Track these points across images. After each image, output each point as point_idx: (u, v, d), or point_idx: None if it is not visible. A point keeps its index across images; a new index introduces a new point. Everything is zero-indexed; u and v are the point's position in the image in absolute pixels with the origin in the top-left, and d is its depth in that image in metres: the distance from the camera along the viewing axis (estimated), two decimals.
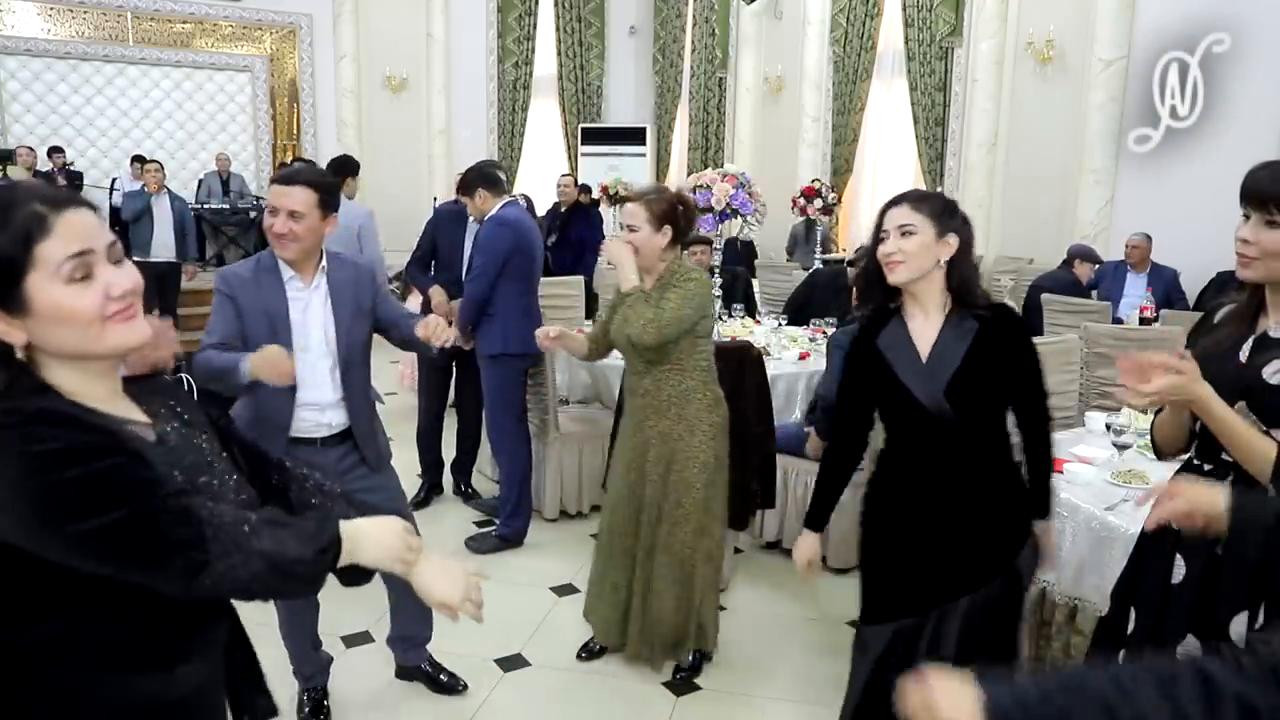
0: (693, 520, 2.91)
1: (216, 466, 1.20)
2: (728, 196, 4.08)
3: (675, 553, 2.93)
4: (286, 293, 2.45)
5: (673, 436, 2.90)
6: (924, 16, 9.07)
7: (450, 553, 3.99)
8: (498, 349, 3.92)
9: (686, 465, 2.89)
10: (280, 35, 11.40)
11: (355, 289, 2.55)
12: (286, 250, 2.40)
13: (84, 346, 1.06)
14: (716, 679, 3.06)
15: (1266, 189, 1.60)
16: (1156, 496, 1.51)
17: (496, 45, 12.27)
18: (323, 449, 2.54)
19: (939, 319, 2.07)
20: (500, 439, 4.04)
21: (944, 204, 2.09)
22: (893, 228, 2.03)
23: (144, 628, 1.10)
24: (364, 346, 2.59)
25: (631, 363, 2.93)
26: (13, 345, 1.04)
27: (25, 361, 1.06)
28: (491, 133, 12.39)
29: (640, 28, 13.20)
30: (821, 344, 4.52)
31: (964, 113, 8.83)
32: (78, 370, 1.08)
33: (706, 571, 2.99)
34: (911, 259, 2.02)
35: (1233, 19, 6.52)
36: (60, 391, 1.06)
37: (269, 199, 2.42)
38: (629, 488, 2.98)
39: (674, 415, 2.89)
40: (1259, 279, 1.67)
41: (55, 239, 1.03)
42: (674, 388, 2.88)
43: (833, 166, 10.29)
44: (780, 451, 3.79)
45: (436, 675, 2.94)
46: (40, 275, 1.02)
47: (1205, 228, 5.24)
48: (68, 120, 10.68)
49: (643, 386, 2.90)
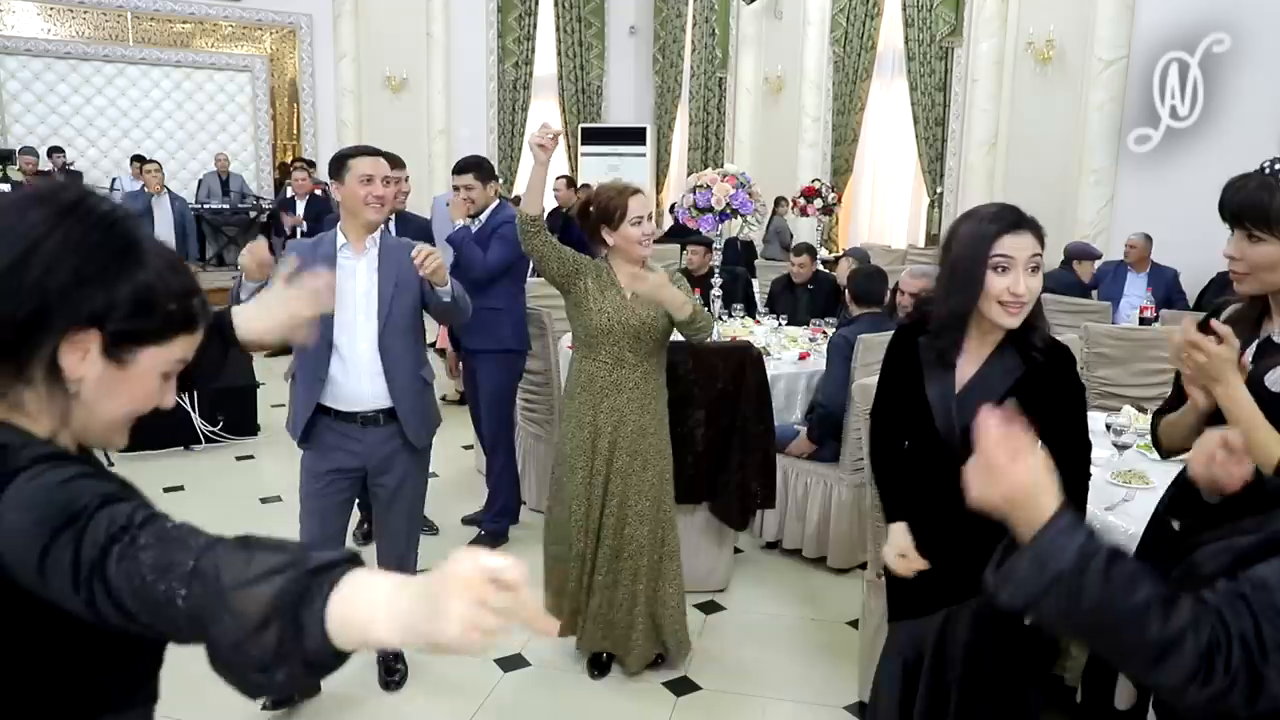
0: (663, 516, 2.94)
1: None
2: (728, 196, 4.08)
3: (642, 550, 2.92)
4: (337, 259, 2.68)
5: (649, 431, 2.89)
6: (924, 16, 9.08)
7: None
8: (505, 345, 3.96)
9: (659, 458, 2.92)
10: (280, 35, 11.40)
11: (400, 261, 2.71)
12: (378, 214, 2.72)
13: (107, 425, 1.00)
14: (716, 679, 3.06)
15: (1239, 207, 1.61)
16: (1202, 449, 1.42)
17: (496, 45, 12.27)
18: (364, 429, 2.72)
19: (987, 350, 1.87)
20: (500, 434, 4.07)
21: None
22: (1022, 258, 1.76)
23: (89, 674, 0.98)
24: (408, 317, 2.75)
25: (621, 356, 2.84)
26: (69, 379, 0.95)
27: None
28: (491, 133, 12.39)
29: (640, 28, 13.20)
30: (821, 344, 4.52)
31: (964, 113, 8.83)
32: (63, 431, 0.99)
33: (672, 567, 3.00)
34: (1031, 300, 1.78)
35: (1233, 19, 6.53)
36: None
37: (369, 169, 2.69)
38: (587, 487, 2.90)
39: (652, 410, 2.90)
40: (1255, 291, 1.68)
41: (179, 344, 1.00)
42: (655, 381, 2.91)
43: (833, 166, 10.30)
44: (780, 452, 3.80)
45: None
46: (158, 352, 0.98)
47: (1205, 228, 5.20)
48: (68, 120, 10.68)
49: (631, 380, 2.85)
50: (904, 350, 1.97)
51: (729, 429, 3.49)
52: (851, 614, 3.42)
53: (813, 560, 3.91)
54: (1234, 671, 0.96)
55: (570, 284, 2.87)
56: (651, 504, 2.91)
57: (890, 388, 2.05)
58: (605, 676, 3.06)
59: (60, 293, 0.90)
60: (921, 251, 9.34)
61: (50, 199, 0.93)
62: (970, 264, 1.76)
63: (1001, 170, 8.45)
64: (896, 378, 2.01)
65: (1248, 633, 0.96)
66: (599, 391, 2.86)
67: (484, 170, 3.91)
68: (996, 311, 1.76)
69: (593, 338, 2.85)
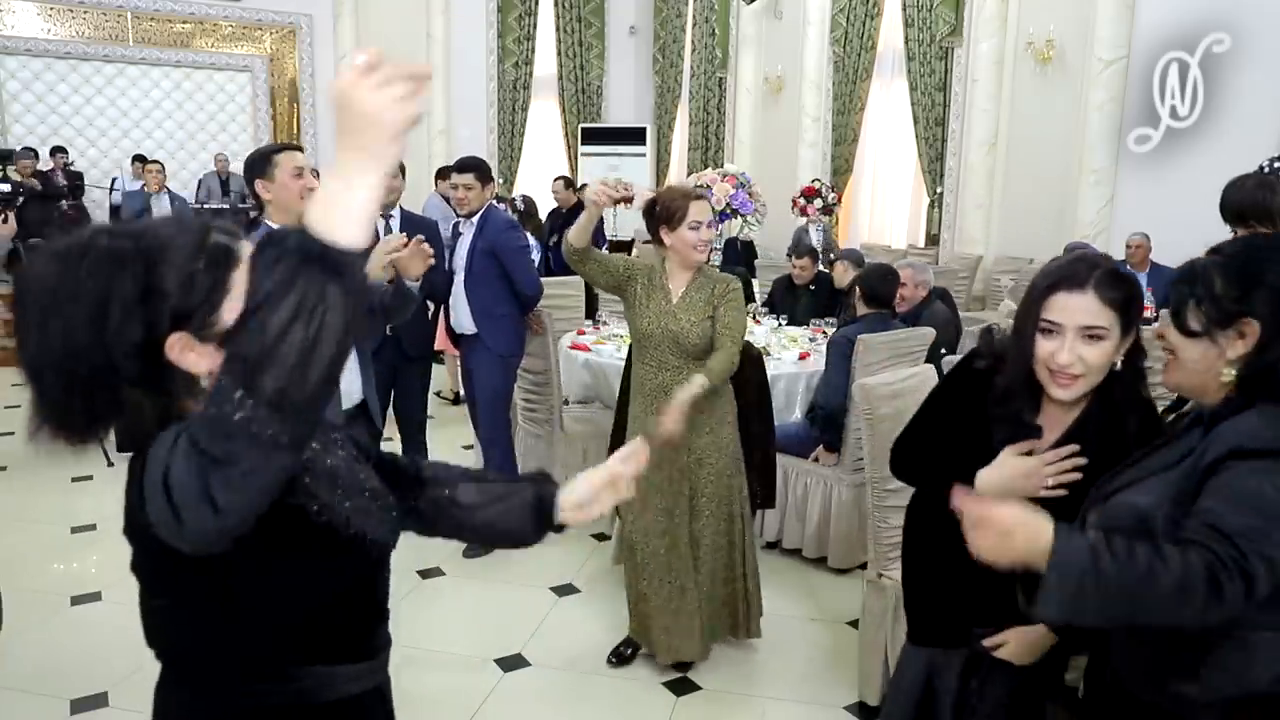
0: (725, 508, 2.99)
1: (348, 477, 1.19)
2: (728, 196, 4.08)
3: (713, 543, 2.99)
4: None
5: (705, 429, 2.92)
6: (924, 16, 9.08)
7: (449, 566, 3.99)
8: (510, 349, 4.03)
9: (720, 456, 2.95)
10: (280, 35, 11.40)
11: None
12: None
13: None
14: (716, 679, 3.06)
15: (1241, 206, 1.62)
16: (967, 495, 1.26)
17: (496, 45, 12.27)
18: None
19: (1070, 416, 1.63)
20: (498, 434, 4.12)
21: (1132, 286, 1.55)
22: (1071, 326, 1.51)
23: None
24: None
25: (663, 360, 2.90)
26: (197, 376, 1.01)
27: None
28: (491, 133, 12.39)
29: (640, 28, 13.20)
30: (821, 344, 4.52)
31: (964, 113, 8.83)
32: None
33: (750, 556, 3.09)
34: (1094, 373, 1.53)
35: (1233, 19, 6.52)
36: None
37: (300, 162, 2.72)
38: (658, 489, 2.94)
39: (707, 408, 2.91)
40: None
41: (238, 277, 1.03)
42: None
43: (833, 166, 10.30)
44: (780, 451, 3.79)
45: None
46: (232, 301, 1.01)
47: (1205, 228, 5.21)
48: (68, 120, 10.68)
49: (675, 384, 2.85)
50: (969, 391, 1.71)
51: None
52: (851, 614, 3.42)
53: (813, 560, 3.91)
54: (1234, 579, 1.12)
55: (623, 290, 2.97)
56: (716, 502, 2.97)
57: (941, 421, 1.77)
58: (605, 676, 3.07)
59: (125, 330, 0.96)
60: (921, 251, 9.34)
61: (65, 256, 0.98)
62: (1021, 322, 1.58)
63: (1001, 170, 8.45)
64: (953, 414, 1.74)
65: (1226, 551, 1.13)
66: (649, 395, 2.94)
67: (483, 172, 3.98)
68: (1046, 379, 1.56)
69: (640, 341, 2.96)
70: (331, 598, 1.14)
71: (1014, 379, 1.60)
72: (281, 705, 1.14)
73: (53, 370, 0.96)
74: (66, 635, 3.30)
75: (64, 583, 3.71)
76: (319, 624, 1.14)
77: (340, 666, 1.17)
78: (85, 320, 0.95)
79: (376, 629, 1.24)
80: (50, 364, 0.96)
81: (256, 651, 1.11)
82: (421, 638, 3.25)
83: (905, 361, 3.70)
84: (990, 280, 8.20)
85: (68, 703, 2.85)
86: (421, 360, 4.17)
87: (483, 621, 3.46)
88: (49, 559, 3.97)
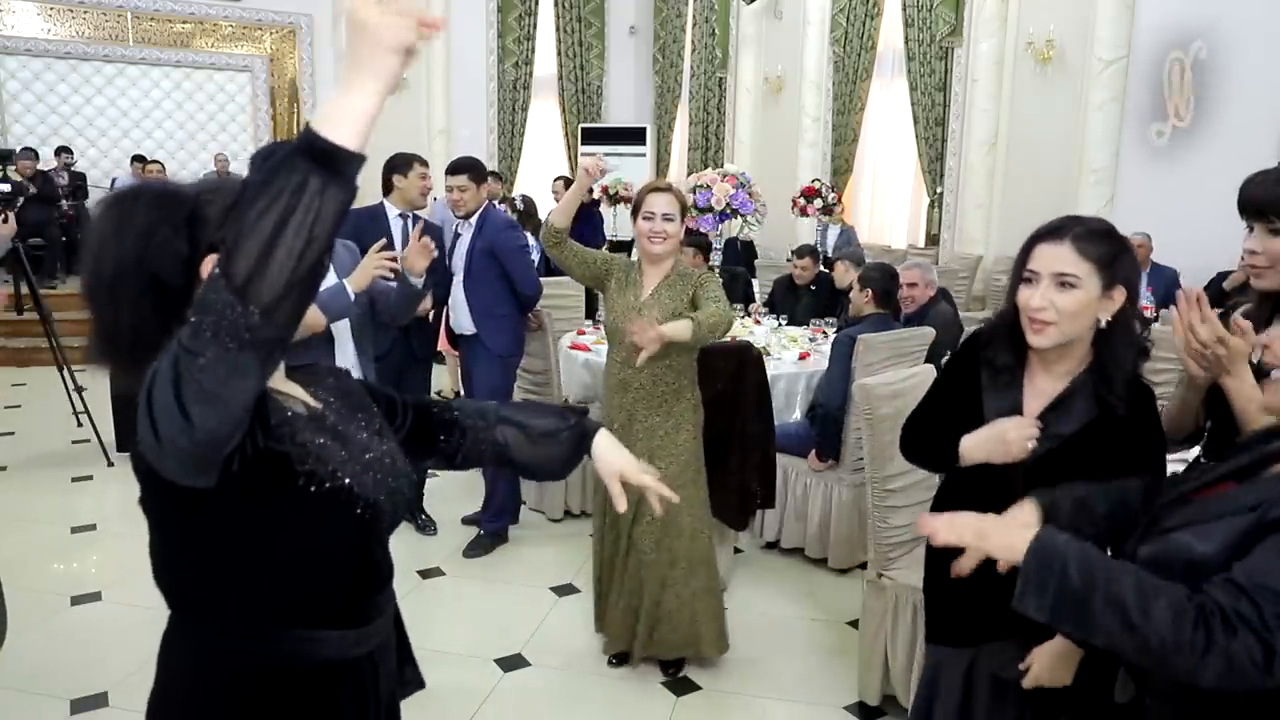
0: (670, 520, 2.85)
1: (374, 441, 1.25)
2: (728, 196, 4.08)
3: (649, 552, 2.91)
4: None
5: (659, 433, 2.90)
6: (924, 16, 9.07)
7: (449, 566, 3.99)
8: (509, 349, 4.03)
9: (671, 461, 2.87)
10: (280, 35, 11.40)
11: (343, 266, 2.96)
12: None
13: None
14: (716, 679, 3.06)
15: (1262, 198, 1.62)
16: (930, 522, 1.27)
17: (496, 45, 12.26)
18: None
19: (1061, 384, 1.68)
20: None
21: (1117, 244, 1.61)
22: (1046, 273, 1.59)
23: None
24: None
25: (626, 356, 2.87)
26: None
27: None
28: (491, 133, 12.38)
29: (640, 28, 13.19)
30: (821, 344, 4.52)
31: (964, 113, 8.82)
32: None
33: (705, 574, 2.97)
34: (1066, 321, 1.59)
35: (1232, 18, 6.52)
36: None
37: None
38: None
39: (664, 411, 2.90)
40: (1273, 287, 1.68)
41: None
42: (668, 385, 2.90)
43: (833, 166, 10.29)
44: (780, 451, 3.80)
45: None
46: None
47: (1205, 228, 5.24)
48: (68, 120, 10.68)
49: (638, 380, 2.89)
50: (968, 362, 1.79)
51: (729, 429, 3.48)
52: (852, 614, 3.42)
53: (813, 560, 3.91)
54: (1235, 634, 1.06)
55: (599, 285, 3.01)
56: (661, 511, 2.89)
57: (942, 395, 1.85)
58: (605, 676, 3.07)
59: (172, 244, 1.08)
60: (921, 251, 9.33)
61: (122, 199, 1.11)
62: (1013, 274, 1.67)
63: (1001, 170, 8.44)
64: (953, 387, 1.81)
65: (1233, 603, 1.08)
66: (613, 388, 2.97)
67: (477, 172, 4.00)
68: (1026, 326, 1.63)
69: (609, 335, 3.00)
70: (312, 554, 1.13)
71: (998, 325, 1.71)
72: (270, 667, 1.14)
73: (106, 290, 1.07)
74: (66, 635, 3.30)
75: (64, 583, 3.71)
76: (301, 582, 1.13)
77: (323, 631, 1.16)
78: (136, 240, 1.07)
79: (369, 597, 1.23)
80: (105, 285, 1.07)
81: (244, 603, 1.12)
82: (421, 638, 3.22)
83: (905, 361, 3.71)
84: (990, 280, 8.20)
85: (67, 703, 2.85)
86: (425, 361, 4.19)
87: (483, 621, 3.46)
88: (49, 559, 3.98)
